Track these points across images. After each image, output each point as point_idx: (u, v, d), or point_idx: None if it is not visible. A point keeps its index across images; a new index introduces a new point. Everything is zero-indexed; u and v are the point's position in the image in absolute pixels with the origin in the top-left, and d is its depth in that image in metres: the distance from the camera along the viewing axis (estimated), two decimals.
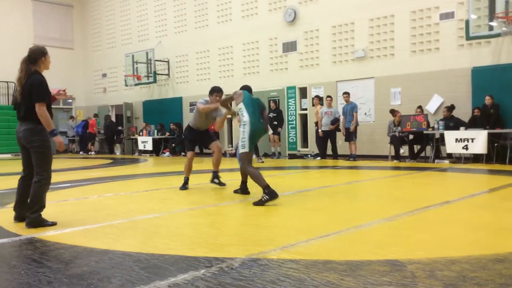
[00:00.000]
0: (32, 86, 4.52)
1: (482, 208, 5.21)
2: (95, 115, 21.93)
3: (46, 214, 4.91)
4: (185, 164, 7.55)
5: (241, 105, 5.99)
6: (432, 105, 12.81)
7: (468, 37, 11.79)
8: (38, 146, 4.55)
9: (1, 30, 21.40)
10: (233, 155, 15.99)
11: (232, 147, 16.85)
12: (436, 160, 11.82)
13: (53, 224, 4.65)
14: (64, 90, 5.22)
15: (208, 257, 3.32)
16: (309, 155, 15.01)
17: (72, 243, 3.88)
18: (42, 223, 4.60)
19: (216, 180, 7.53)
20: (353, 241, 3.74)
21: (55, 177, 9.91)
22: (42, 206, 4.65)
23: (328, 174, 10.07)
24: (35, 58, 4.68)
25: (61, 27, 23.67)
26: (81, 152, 21.81)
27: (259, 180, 5.69)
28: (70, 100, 24.07)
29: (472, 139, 10.87)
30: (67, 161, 16.77)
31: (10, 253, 3.73)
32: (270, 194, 5.54)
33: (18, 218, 4.81)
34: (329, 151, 14.00)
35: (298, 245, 3.59)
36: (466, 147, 11.01)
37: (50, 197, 6.75)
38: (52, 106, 4.82)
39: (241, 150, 5.98)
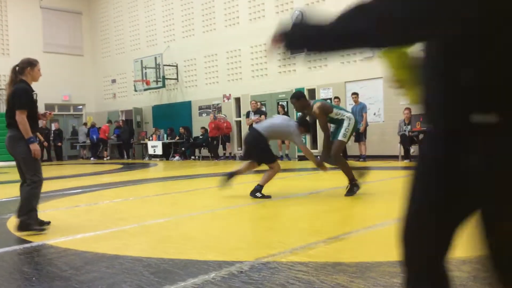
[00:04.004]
0: (14, 94, 4.64)
1: None
2: (109, 122, 22.01)
3: (57, 220, 4.96)
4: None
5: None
6: None
7: None
8: (22, 153, 4.63)
9: (11, 38, 21.65)
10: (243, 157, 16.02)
11: (241, 150, 16.86)
12: None
13: (42, 229, 4.65)
14: (50, 113, 5.25)
15: (218, 260, 3.32)
16: (318, 157, 14.96)
17: (83, 249, 3.90)
18: (29, 227, 4.62)
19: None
20: (363, 243, 3.73)
21: (66, 183, 10.04)
22: (32, 210, 4.66)
23: (339, 175, 10.01)
24: (22, 68, 4.78)
25: (70, 34, 23.88)
26: (92, 158, 21.97)
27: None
28: (80, 106, 24.27)
29: None
30: (78, 167, 16.90)
31: (22, 260, 3.76)
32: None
33: None
34: None
35: (308, 248, 3.58)
36: None
37: (61, 203, 6.82)
38: (64, 113, 4.90)
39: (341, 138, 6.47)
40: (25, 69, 4.77)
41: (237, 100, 17.59)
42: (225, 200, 6.62)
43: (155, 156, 19.47)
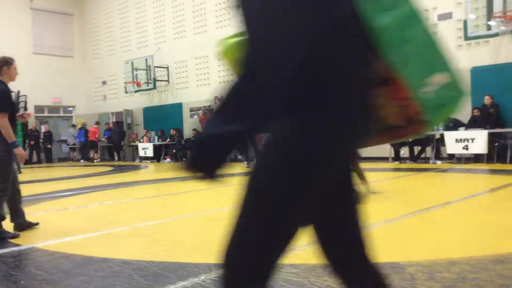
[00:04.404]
0: None
1: (483, 209, 5.20)
2: (97, 123, 21.88)
3: (46, 223, 4.91)
4: None
5: None
6: None
7: (467, 38, 11.78)
8: None
9: (0, 39, 21.47)
10: (233, 159, 15.99)
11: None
12: (430, 160, 11.79)
13: (15, 236, 4.55)
14: (28, 114, 5.17)
15: (208, 263, 3.31)
16: None
17: (72, 252, 3.87)
18: (1, 235, 4.51)
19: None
20: None
21: (55, 186, 9.95)
22: (1, 218, 4.56)
23: None
24: None
25: (60, 35, 23.72)
26: (81, 160, 21.82)
27: None
28: (71, 108, 24.11)
29: (472, 139, 10.85)
30: (68, 169, 16.78)
31: (10, 263, 3.72)
32: None
33: (17, 228, 4.81)
34: None
35: (297, 250, 3.58)
36: (466, 147, 10.98)
37: (50, 206, 6.76)
38: (54, 115, 4.84)
39: None
40: (1, 69, 4.64)
41: None
42: (215, 202, 6.61)
43: (146, 158, 19.39)
